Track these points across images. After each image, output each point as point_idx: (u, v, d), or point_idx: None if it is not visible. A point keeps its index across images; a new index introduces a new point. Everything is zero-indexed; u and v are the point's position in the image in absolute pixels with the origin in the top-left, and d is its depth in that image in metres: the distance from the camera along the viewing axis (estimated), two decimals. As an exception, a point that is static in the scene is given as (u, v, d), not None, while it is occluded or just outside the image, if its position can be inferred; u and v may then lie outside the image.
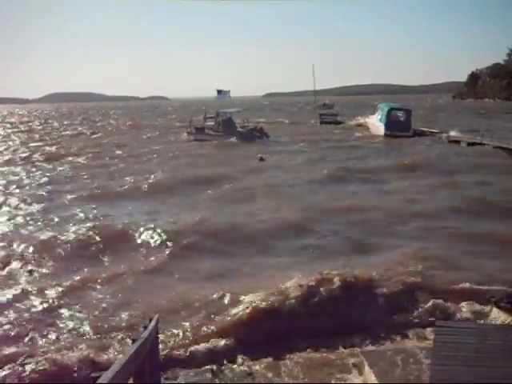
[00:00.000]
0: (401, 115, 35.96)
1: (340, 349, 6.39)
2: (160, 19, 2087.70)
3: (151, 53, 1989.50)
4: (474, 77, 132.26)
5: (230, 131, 33.34)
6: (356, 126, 44.15)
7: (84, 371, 5.68)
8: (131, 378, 3.08)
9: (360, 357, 5.81)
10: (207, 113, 37.18)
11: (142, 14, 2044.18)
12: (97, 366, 5.55)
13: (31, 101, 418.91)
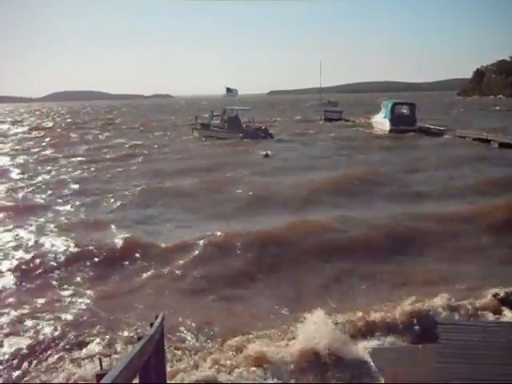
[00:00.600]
0: (405, 110, 35.86)
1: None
2: (162, 18, 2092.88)
3: (154, 51, 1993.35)
4: (480, 74, 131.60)
5: (236, 129, 33.39)
6: (361, 124, 44.08)
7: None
8: (136, 377, 3.09)
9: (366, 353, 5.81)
10: (214, 111, 37.37)
11: (145, 13, 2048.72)
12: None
13: (35, 99, 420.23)
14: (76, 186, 18.07)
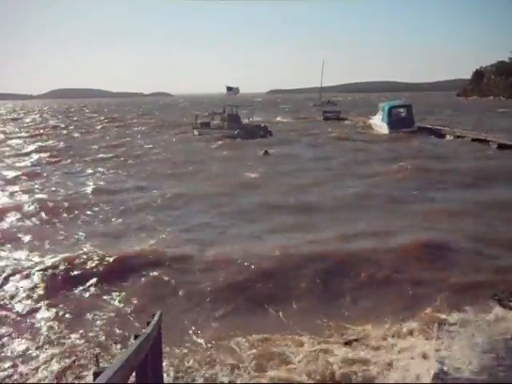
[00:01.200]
0: (402, 111, 35.89)
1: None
2: (162, 17, 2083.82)
3: (154, 49, 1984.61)
4: (479, 74, 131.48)
5: (235, 127, 33.44)
6: (359, 123, 44.20)
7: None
8: (134, 374, 3.08)
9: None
10: (214, 109, 37.65)
11: (145, 12, 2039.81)
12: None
13: (35, 97, 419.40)
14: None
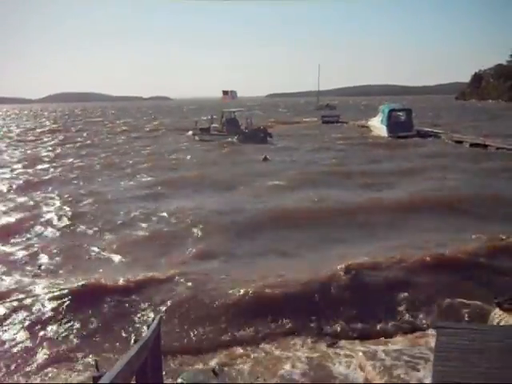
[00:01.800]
0: (402, 115, 35.88)
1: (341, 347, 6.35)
2: (162, 19, 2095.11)
3: (152, 53, 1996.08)
4: (478, 78, 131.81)
5: (234, 131, 33.43)
6: (358, 127, 44.17)
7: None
8: (133, 379, 3.08)
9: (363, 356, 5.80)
10: (213, 114, 37.73)
11: (145, 15, 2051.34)
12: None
13: (34, 101, 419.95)
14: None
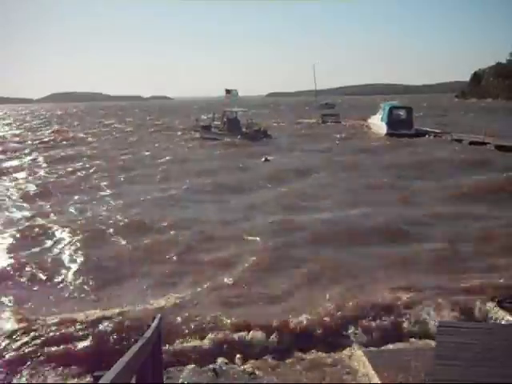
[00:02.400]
0: (402, 113, 35.88)
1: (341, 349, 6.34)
2: (161, 19, 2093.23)
3: (152, 52, 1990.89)
4: (477, 76, 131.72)
5: (235, 131, 33.48)
6: (357, 126, 44.14)
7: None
8: (133, 378, 3.08)
9: (362, 357, 5.79)
10: (214, 112, 37.85)
11: (143, 14, 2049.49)
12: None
13: (35, 101, 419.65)
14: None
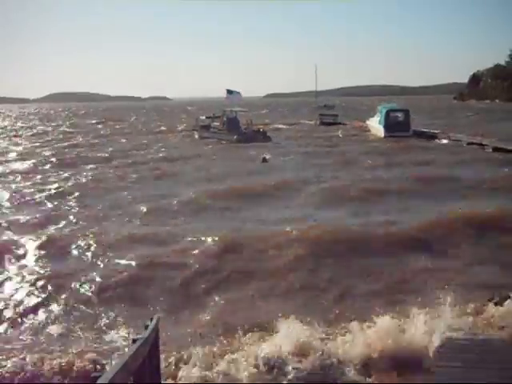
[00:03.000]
0: (399, 116, 35.98)
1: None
2: (160, 19, 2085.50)
3: (150, 52, 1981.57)
4: (476, 78, 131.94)
5: (234, 130, 33.52)
6: (356, 127, 44.21)
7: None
8: (131, 378, 3.09)
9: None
10: (214, 113, 38.01)
11: (143, 15, 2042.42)
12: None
13: (32, 101, 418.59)
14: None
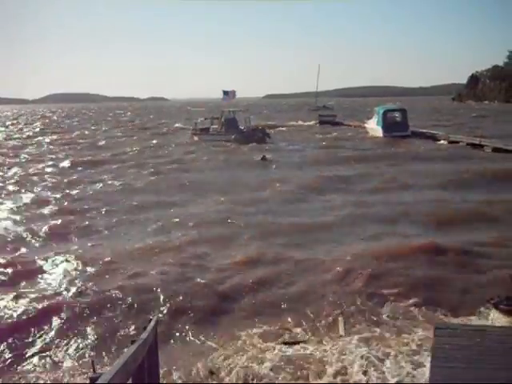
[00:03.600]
0: (397, 116, 35.88)
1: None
2: (159, 20, 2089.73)
3: (151, 53, 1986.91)
4: (474, 79, 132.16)
5: (233, 131, 33.48)
6: (354, 127, 44.28)
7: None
8: (130, 379, 3.07)
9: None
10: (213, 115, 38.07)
11: (142, 15, 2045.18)
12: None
13: (31, 101, 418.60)
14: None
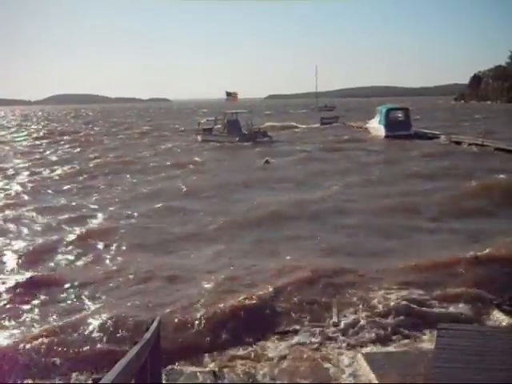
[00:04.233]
0: (400, 115, 35.75)
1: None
2: (160, 20, 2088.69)
3: (152, 54, 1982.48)
4: (477, 79, 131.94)
5: (235, 132, 33.57)
6: (356, 128, 44.18)
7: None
8: (133, 380, 3.08)
9: (361, 358, 5.78)
10: (216, 116, 38.18)
11: (142, 16, 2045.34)
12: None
13: (33, 102, 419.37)
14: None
